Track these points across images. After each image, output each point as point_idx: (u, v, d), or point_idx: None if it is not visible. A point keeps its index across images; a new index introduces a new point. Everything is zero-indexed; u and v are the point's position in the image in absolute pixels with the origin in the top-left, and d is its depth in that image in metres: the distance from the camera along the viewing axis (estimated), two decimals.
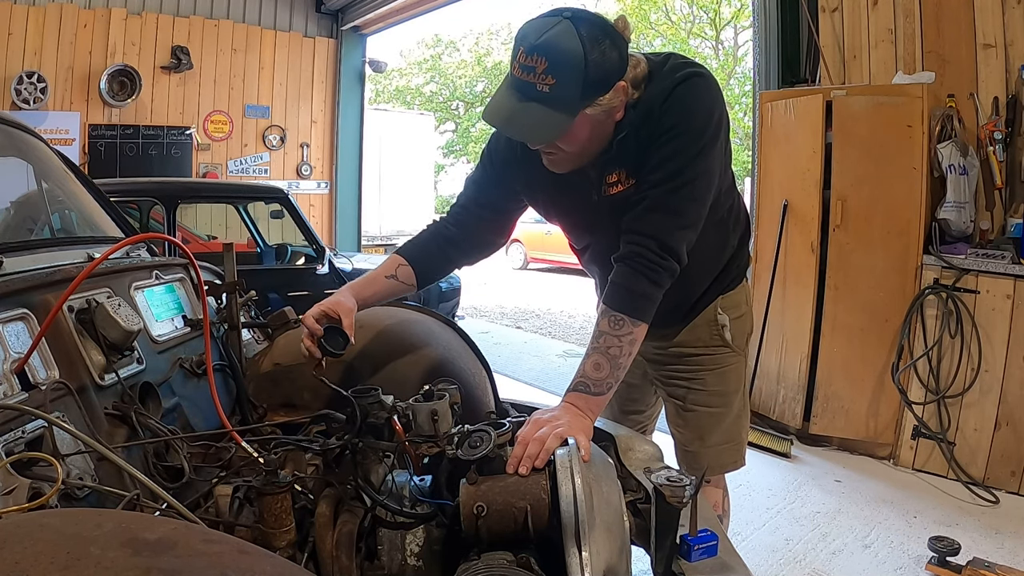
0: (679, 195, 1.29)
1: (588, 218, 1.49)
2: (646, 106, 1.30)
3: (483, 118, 1.28)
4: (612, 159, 1.36)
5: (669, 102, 1.29)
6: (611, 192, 1.40)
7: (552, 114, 1.21)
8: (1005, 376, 3.11)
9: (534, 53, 1.17)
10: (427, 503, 1.03)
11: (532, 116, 1.21)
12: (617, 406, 1.88)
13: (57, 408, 0.96)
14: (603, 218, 1.43)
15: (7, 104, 6.00)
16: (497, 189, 1.53)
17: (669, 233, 1.29)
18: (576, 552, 0.86)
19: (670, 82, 1.30)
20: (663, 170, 1.29)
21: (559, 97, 1.19)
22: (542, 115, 1.21)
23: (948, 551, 2.43)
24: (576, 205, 1.48)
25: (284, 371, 1.49)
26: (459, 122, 27.03)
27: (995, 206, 3.36)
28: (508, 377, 5.22)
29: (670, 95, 1.29)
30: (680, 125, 1.28)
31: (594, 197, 1.42)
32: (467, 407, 1.24)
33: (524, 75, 1.19)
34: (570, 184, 1.42)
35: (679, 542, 1.02)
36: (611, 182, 1.39)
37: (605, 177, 1.39)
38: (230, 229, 5.84)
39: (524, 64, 1.18)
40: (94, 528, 0.58)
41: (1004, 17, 3.24)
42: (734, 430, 1.74)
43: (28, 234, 1.61)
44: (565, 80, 1.18)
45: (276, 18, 7.83)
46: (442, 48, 26.63)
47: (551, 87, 1.18)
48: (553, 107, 1.20)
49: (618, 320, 1.25)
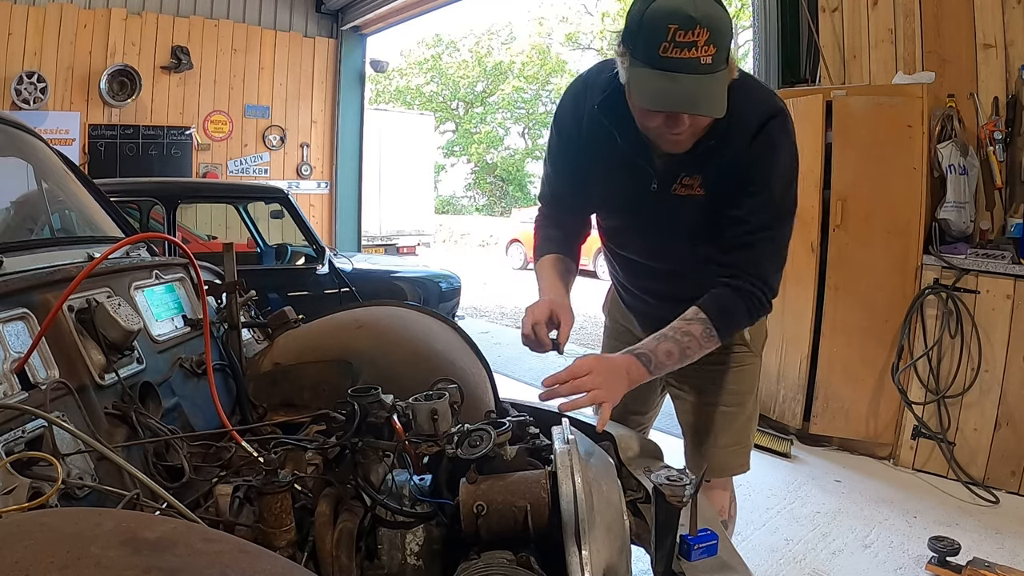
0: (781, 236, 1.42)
1: (639, 204, 1.50)
2: (737, 126, 1.32)
3: (652, 108, 1.25)
4: (692, 162, 1.38)
5: (762, 142, 1.34)
6: (680, 192, 1.42)
7: (719, 82, 1.21)
8: (1005, 376, 3.11)
9: (695, 27, 1.15)
10: (427, 502, 1.03)
11: (706, 90, 1.20)
12: (621, 404, 1.87)
13: (57, 408, 0.96)
14: (659, 211, 1.46)
15: (7, 104, 6.00)
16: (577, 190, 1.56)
17: (775, 279, 1.43)
18: (576, 551, 0.86)
19: (761, 114, 1.34)
20: (764, 214, 1.38)
21: (718, 65, 1.19)
22: (713, 86, 1.20)
23: (948, 551, 2.43)
24: (631, 190, 1.48)
25: (284, 371, 1.49)
26: (459, 122, 27.04)
27: (995, 206, 3.36)
28: (508, 377, 5.21)
29: (761, 132, 1.34)
30: (776, 168, 1.37)
31: (652, 186, 1.43)
32: (467, 407, 1.24)
33: (681, 52, 1.16)
34: (629, 169, 1.44)
35: (679, 541, 1.02)
36: (685, 183, 1.41)
37: (681, 177, 1.41)
38: (230, 229, 5.84)
39: (681, 41, 1.16)
40: (94, 527, 0.58)
41: (1004, 17, 3.24)
42: (744, 433, 1.74)
43: (28, 234, 1.61)
44: (721, 46, 1.18)
45: (276, 18, 7.83)
46: (442, 48, 26.63)
47: (713, 56, 1.17)
48: (717, 76, 1.20)
49: (710, 333, 1.37)
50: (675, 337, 1.35)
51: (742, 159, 1.35)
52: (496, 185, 27.46)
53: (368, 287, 4.52)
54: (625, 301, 1.81)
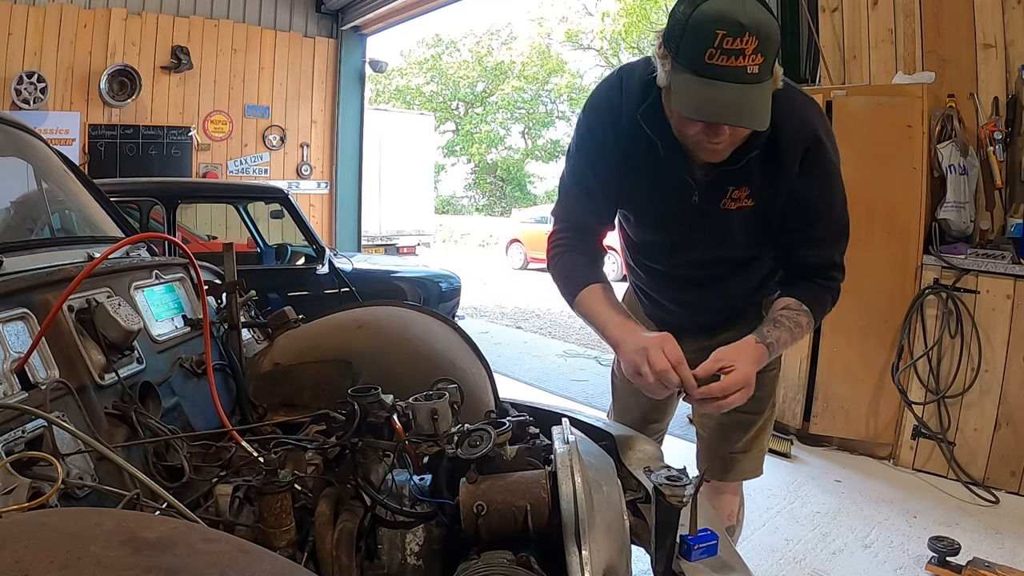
0: (841, 244, 1.48)
1: (680, 218, 1.44)
2: (783, 141, 1.31)
3: (695, 118, 1.19)
4: (739, 175, 1.34)
5: (814, 166, 1.35)
6: (731, 207, 1.39)
7: (764, 93, 1.16)
8: (1005, 376, 3.11)
9: (744, 33, 1.09)
10: (427, 502, 1.03)
11: (751, 101, 1.14)
12: (640, 413, 1.85)
13: (57, 408, 0.96)
14: (703, 225, 1.43)
15: (7, 104, 6.00)
16: (601, 204, 1.48)
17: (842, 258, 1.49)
18: (576, 551, 0.86)
19: (809, 136, 1.34)
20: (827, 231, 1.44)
21: (764, 75, 1.15)
22: (758, 97, 1.15)
23: (948, 551, 2.43)
24: (671, 203, 1.43)
25: (284, 371, 1.49)
26: (459, 122, 27.05)
27: (995, 206, 3.36)
28: (508, 377, 5.22)
29: (811, 155, 1.34)
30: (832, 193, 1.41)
31: (694, 199, 1.39)
32: (467, 407, 1.24)
33: (727, 60, 1.11)
34: (668, 183, 1.40)
35: (679, 541, 1.02)
36: (735, 197, 1.38)
37: (730, 191, 1.38)
38: (230, 229, 5.84)
39: (728, 48, 1.10)
40: (94, 527, 0.58)
41: (1004, 17, 3.24)
42: (761, 438, 1.73)
43: (28, 234, 1.60)
44: (769, 54, 1.13)
45: (276, 18, 7.83)
46: (442, 48, 26.64)
47: (760, 66, 1.13)
48: (763, 86, 1.15)
49: (810, 325, 1.41)
50: (789, 326, 1.35)
51: (794, 181, 1.34)
52: (496, 185, 27.48)
53: (368, 287, 4.52)
54: (646, 309, 1.76)
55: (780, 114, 1.23)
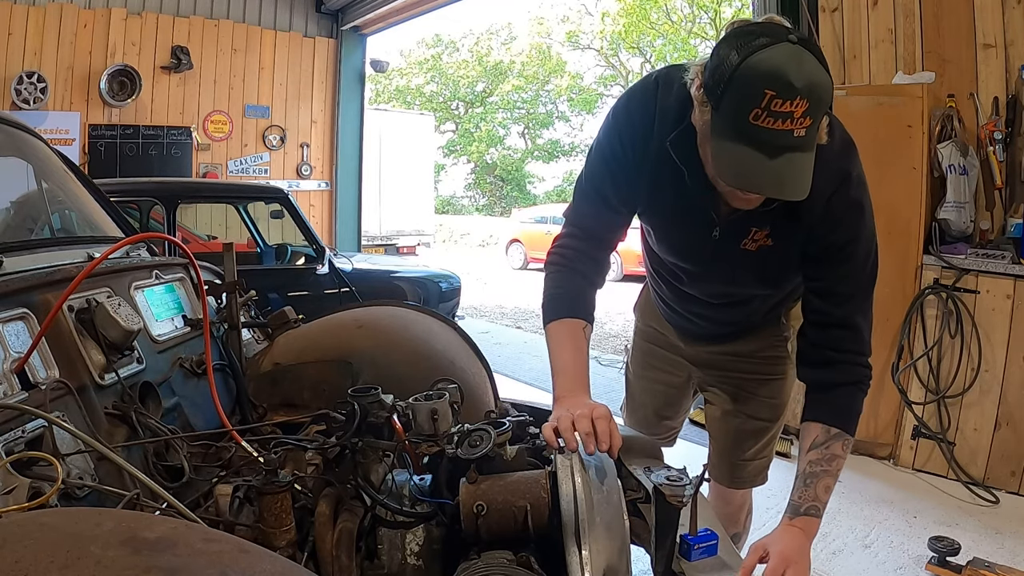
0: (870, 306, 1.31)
1: (698, 249, 1.39)
2: (814, 181, 1.16)
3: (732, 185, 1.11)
4: (762, 217, 1.26)
5: (840, 205, 1.22)
6: (750, 248, 1.32)
7: (808, 160, 1.06)
8: (1005, 376, 3.11)
9: (795, 97, 0.99)
10: (427, 502, 1.03)
11: (794, 170, 1.05)
12: (652, 409, 1.83)
13: (57, 408, 0.96)
14: (721, 260, 1.37)
15: (7, 104, 6.00)
16: (618, 215, 1.38)
17: (869, 345, 1.30)
18: (576, 551, 0.86)
19: (838, 172, 1.22)
20: (851, 283, 1.27)
21: (811, 137, 1.05)
22: (802, 164, 1.05)
23: (948, 551, 2.43)
24: (691, 233, 1.37)
25: (284, 371, 1.49)
26: (459, 122, 27.05)
27: (995, 206, 3.36)
28: (508, 377, 5.21)
29: (839, 193, 1.22)
30: (859, 234, 1.25)
31: (714, 235, 1.33)
32: (467, 407, 1.24)
33: (774, 123, 1.01)
34: (690, 213, 1.33)
35: (679, 541, 1.02)
36: (756, 238, 1.31)
37: (752, 232, 1.30)
38: (230, 229, 5.84)
39: (776, 111, 1.00)
40: (94, 527, 0.58)
41: (1004, 17, 3.24)
42: (771, 445, 1.72)
43: (28, 234, 1.61)
44: (817, 116, 1.03)
45: (276, 18, 7.82)
46: (442, 48, 26.64)
47: (807, 129, 1.02)
48: (807, 150, 1.06)
49: (847, 443, 1.25)
50: (826, 469, 1.23)
51: (820, 220, 1.24)
52: (496, 185, 27.48)
53: (368, 287, 4.52)
54: (666, 316, 1.73)
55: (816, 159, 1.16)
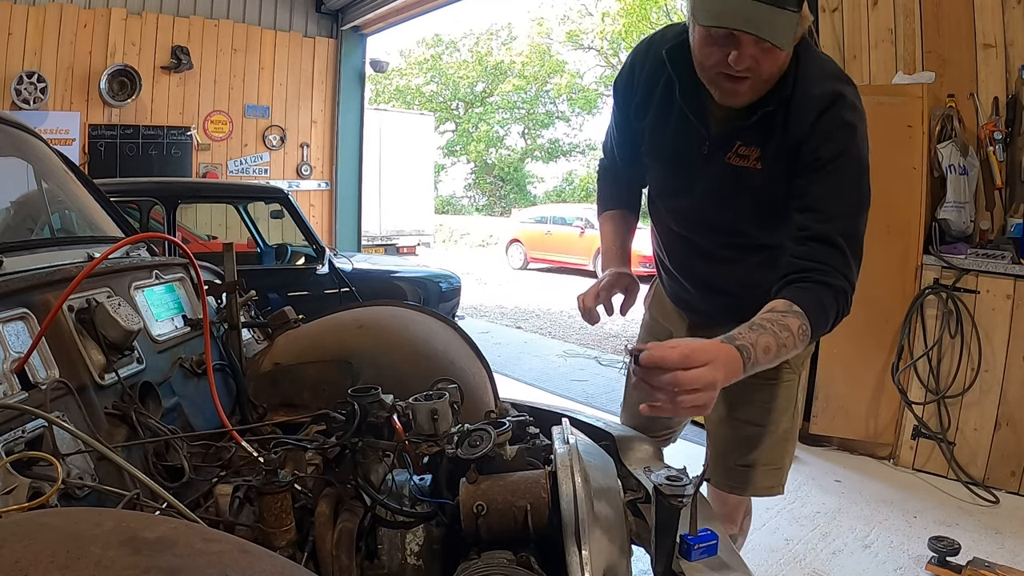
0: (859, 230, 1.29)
1: (687, 164, 1.45)
2: (802, 99, 1.28)
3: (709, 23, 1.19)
4: (750, 130, 1.32)
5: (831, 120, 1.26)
6: (734, 162, 1.36)
7: (784, 18, 1.16)
8: (1005, 376, 3.11)
9: None
10: (427, 502, 1.03)
11: (769, 17, 1.15)
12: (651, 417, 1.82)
13: (57, 407, 0.96)
14: (708, 177, 1.41)
15: (7, 104, 6.00)
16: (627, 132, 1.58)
17: (856, 275, 1.29)
18: (576, 551, 0.86)
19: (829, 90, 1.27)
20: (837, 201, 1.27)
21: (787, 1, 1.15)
22: (777, 18, 1.15)
23: (948, 551, 2.43)
24: (680, 145, 1.44)
25: (284, 371, 1.49)
26: (459, 122, 27.05)
27: (995, 206, 3.36)
28: (508, 377, 5.22)
29: (830, 110, 1.26)
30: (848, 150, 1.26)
31: (704, 149, 1.39)
32: (467, 407, 1.24)
33: None
34: (681, 124, 1.41)
35: (679, 541, 1.02)
36: (741, 153, 1.35)
37: (736, 145, 1.35)
38: (230, 229, 5.84)
39: None
40: (94, 527, 0.58)
41: (1004, 17, 3.24)
42: (775, 452, 1.64)
43: (28, 234, 1.60)
44: None
45: (276, 18, 7.83)
46: (442, 48, 26.65)
47: None
48: (784, 12, 1.15)
49: (804, 331, 1.20)
50: (773, 330, 1.15)
51: (807, 136, 1.26)
52: (496, 185, 27.48)
53: (368, 287, 4.52)
54: (666, 288, 1.74)
55: (801, 72, 1.27)
